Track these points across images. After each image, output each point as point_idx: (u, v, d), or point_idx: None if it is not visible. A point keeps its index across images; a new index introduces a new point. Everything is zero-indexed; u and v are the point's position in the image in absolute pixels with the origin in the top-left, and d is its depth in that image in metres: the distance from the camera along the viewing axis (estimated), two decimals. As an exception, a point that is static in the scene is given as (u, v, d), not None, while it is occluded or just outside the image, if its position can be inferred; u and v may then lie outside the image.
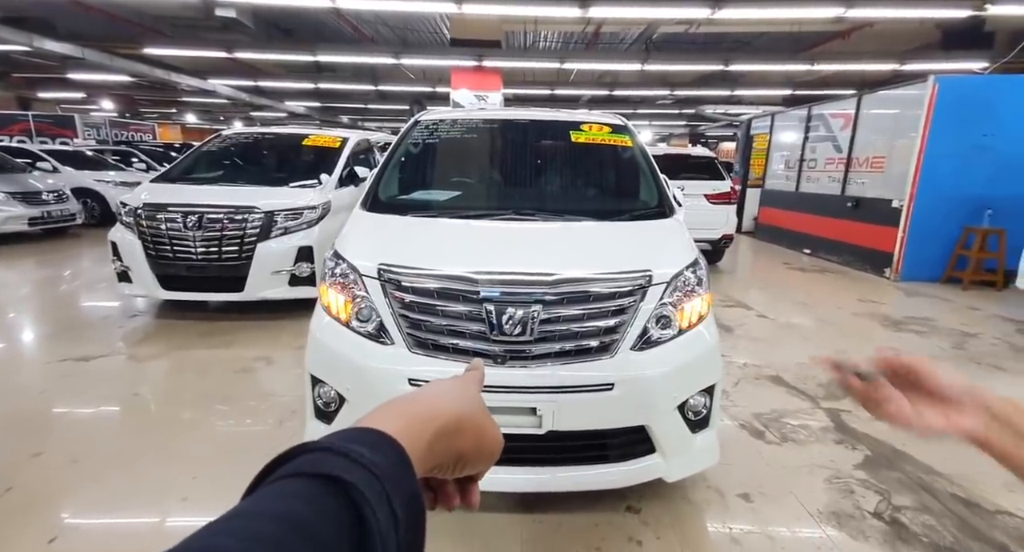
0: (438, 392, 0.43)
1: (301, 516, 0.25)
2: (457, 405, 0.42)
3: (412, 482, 0.31)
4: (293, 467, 0.29)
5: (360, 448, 0.30)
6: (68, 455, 2.32)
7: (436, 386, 0.45)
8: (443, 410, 0.40)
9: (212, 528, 0.25)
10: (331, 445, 0.30)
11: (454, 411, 0.40)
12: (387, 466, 0.30)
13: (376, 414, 0.37)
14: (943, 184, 6.05)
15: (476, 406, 0.44)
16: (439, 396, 0.42)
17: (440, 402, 0.41)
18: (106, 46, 10.57)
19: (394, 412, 0.37)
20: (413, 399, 0.41)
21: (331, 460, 0.29)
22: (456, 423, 0.40)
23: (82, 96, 17.12)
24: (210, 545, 0.23)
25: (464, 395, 0.44)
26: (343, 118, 24.51)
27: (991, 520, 2.02)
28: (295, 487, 0.27)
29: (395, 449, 0.32)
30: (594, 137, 2.87)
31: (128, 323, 4.19)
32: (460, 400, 0.43)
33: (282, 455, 0.30)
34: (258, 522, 0.25)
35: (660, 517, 1.99)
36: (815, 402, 3.01)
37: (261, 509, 0.26)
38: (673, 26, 9.91)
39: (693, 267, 2.01)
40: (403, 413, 0.37)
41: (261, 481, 0.29)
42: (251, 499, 0.27)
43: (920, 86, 6.07)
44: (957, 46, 9.70)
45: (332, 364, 1.92)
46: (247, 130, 5.64)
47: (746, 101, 16.09)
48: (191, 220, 3.94)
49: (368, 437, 0.32)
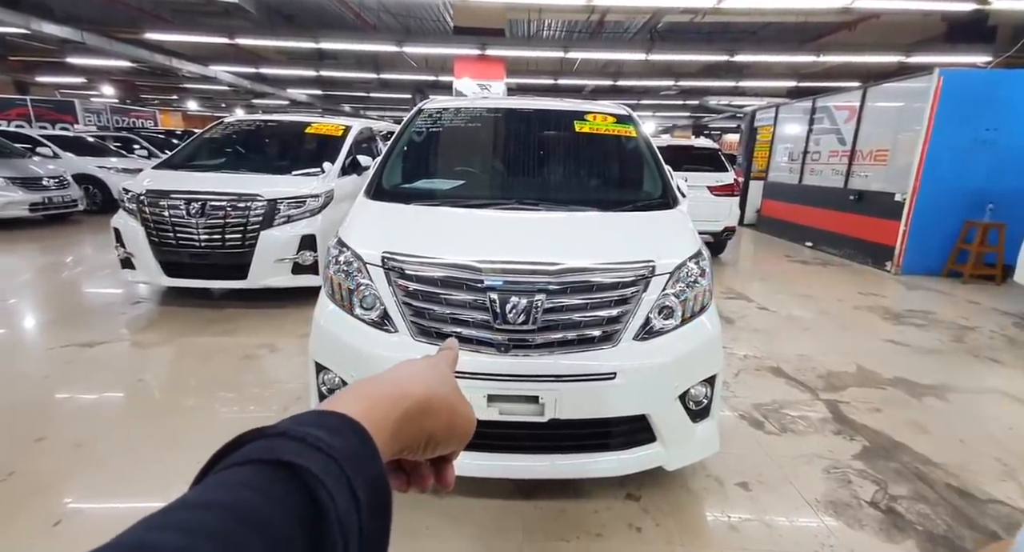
0: (407, 373, 0.42)
1: (250, 505, 0.24)
2: (425, 385, 0.40)
3: (376, 465, 0.30)
4: (244, 454, 0.27)
5: (317, 432, 0.28)
6: (71, 440, 2.34)
7: (405, 367, 0.43)
8: (410, 390, 0.38)
9: (151, 521, 0.23)
10: (287, 430, 0.28)
11: (422, 391, 0.39)
12: (347, 449, 0.28)
13: (339, 397, 0.35)
14: (946, 178, 6.04)
15: (447, 386, 0.43)
16: (407, 376, 0.41)
17: (408, 382, 0.40)
18: (106, 30, 10.46)
19: (358, 394, 0.36)
20: (379, 380, 0.39)
21: (286, 445, 0.27)
22: (425, 403, 0.39)
23: (82, 81, 16.99)
24: (146, 541, 0.22)
25: (433, 375, 0.43)
26: (345, 106, 24.34)
27: (983, 509, 2.05)
28: (245, 475, 0.26)
29: (356, 431, 0.31)
30: (598, 127, 2.86)
31: (131, 310, 4.21)
32: (429, 380, 0.41)
33: (233, 441, 0.29)
34: (202, 513, 0.23)
35: (660, 505, 2.02)
36: (815, 393, 3.04)
37: (206, 499, 0.24)
38: (678, 15, 9.80)
39: (696, 258, 2.01)
40: (367, 394, 0.36)
41: (212, 466, 0.28)
42: (197, 489, 0.26)
43: (925, 79, 6.02)
44: (961, 39, 9.63)
45: (336, 351, 1.94)
46: (249, 117, 5.60)
47: (750, 92, 15.97)
48: (194, 207, 3.93)
49: (327, 420, 0.31)
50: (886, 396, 3.02)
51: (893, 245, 6.39)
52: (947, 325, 4.41)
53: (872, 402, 2.94)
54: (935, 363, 3.57)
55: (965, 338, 4.10)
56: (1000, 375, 3.41)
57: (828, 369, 3.38)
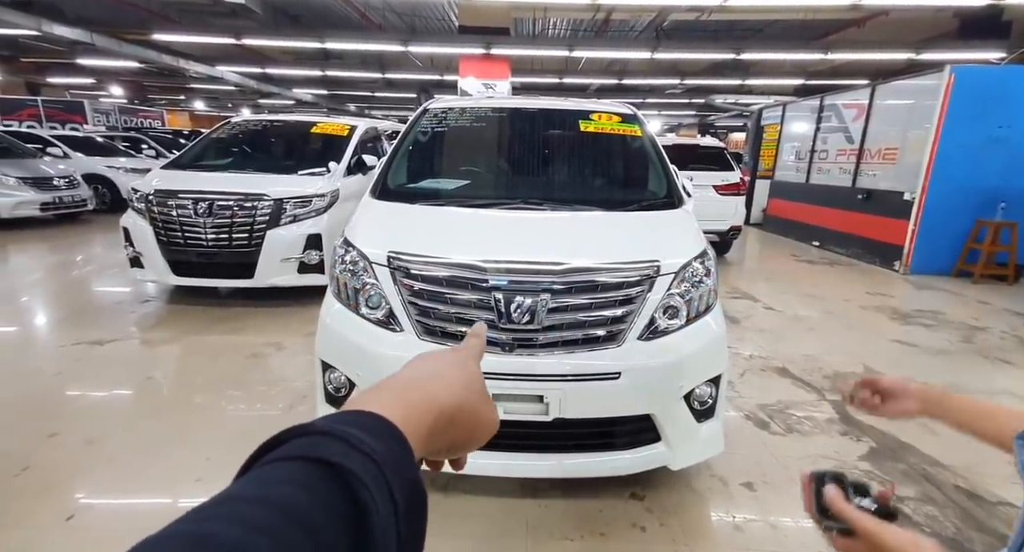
0: (435, 375, 0.41)
1: (297, 503, 0.24)
2: (456, 393, 0.40)
3: (413, 469, 0.30)
4: (289, 449, 0.27)
5: (360, 433, 0.29)
6: (83, 436, 2.38)
7: (433, 366, 0.43)
8: (442, 400, 0.38)
9: (202, 512, 0.23)
10: (330, 429, 0.28)
11: (453, 402, 0.39)
12: (387, 453, 0.29)
13: (375, 397, 0.35)
14: (956, 176, 5.97)
15: (474, 390, 0.42)
16: (438, 380, 0.40)
17: (441, 389, 0.39)
18: (115, 31, 10.57)
19: (394, 397, 0.36)
20: (409, 383, 0.39)
21: (329, 444, 0.27)
22: (453, 413, 0.39)
23: (91, 82, 17.16)
24: (201, 531, 0.22)
25: (463, 378, 0.42)
26: (350, 106, 24.43)
27: (992, 511, 2.03)
28: (291, 471, 0.26)
29: (395, 436, 0.31)
30: (603, 126, 2.86)
31: (140, 308, 4.25)
32: (458, 385, 0.41)
33: (278, 436, 0.29)
34: (251, 508, 0.23)
35: (664, 504, 2.01)
36: (821, 394, 3.02)
37: (255, 494, 0.25)
38: (684, 14, 9.75)
39: (701, 258, 2.01)
40: (404, 400, 0.36)
41: (255, 461, 0.28)
42: (244, 481, 0.26)
43: (936, 76, 5.96)
44: (974, 36, 9.51)
45: (342, 350, 1.95)
46: (256, 117, 5.65)
47: (757, 91, 15.86)
48: (202, 207, 3.97)
49: (368, 421, 0.31)
50: (893, 397, 3.00)
51: (902, 244, 6.33)
52: (956, 325, 4.36)
53: (879, 403, 2.91)
54: (944, 364, 3.54)
55: (975, 339, 4.06)
56: (1011, 376, 3.38)
57: (834, 369, 3.36)
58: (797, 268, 6.78)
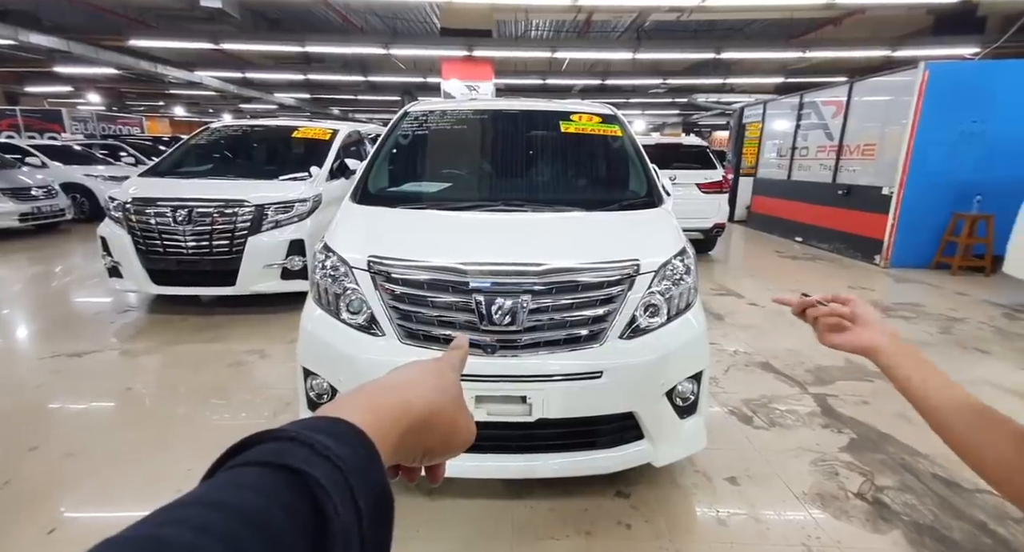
0: (413, 382, 0.41)
1: (257, 509, 0.24)
2: (430, 398, 0.40)
3: (379, 476, 0.30)
4: (254, 455, 0.27)
5: (326, 439, 0.28)
6: (64, 449, 2.34)
7: (410, 374, 0.43)
8: (414, 406, 0.38)
9: (160, 516, 0.24)
10: (296, 434, 0.28)
11: (425, 407, 0.39)
12: (353, 459, 0.29)
13: (346, 403, 0.35)
14: (933, 170, 6.09)
15: (450, 398, 0.42)
16: (413, 387, 0.40)
17: (414, 395, 0.39)
18: (91, 38, 10.40)
19: (366, 403, 0.36)
20: (386, 389, 0.39)
21: (294, 450, 0.27)
22: (428, 418, 0.39)
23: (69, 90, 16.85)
24: (157, 535, 0.22)
25: (439, 385, 0.42)
26: (334, 110, 24.27)
27: (970, 498, 2.07)
28: (254, 477, 0.26)
29: (363, 442, 0.31)
30: (584, 127, 2.87)
31: (120, 318, 4.19)
32: (434, 392, 0.41)
33: (244, 441, 0.29)
34: (208, 512, 0.23)
35: (649, 501, 2.03)
36: (803, 387, 3.06)
37: (215, 499, 0.25)
38: (664, 14, 9.83)
39: (681, 256, 2.03)
40: (375, 405, 0.36)
41: (220, 466, 0.28)
42: (206, 486, 0.26)
43: (911, 72, 6.08)
44: (949, 31, 9.70)
45: (324, 356, 1.94)
46: (236, 123, 5.59)
47: (738, 89, 16.04)
48: (181, 214, 3.92)
49: (335, 427, 0.31)
50: (874, 388, 3.05)
51: (882, 239, 6.45)
52: (935, 317, 4.45)
53: (860, 395, 2.97)
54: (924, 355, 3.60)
55: (953, 330, 4.14)
56: (988, 366, 3.45)
57: (816, 363, 3.41)
58: (780, 264, 6.87)
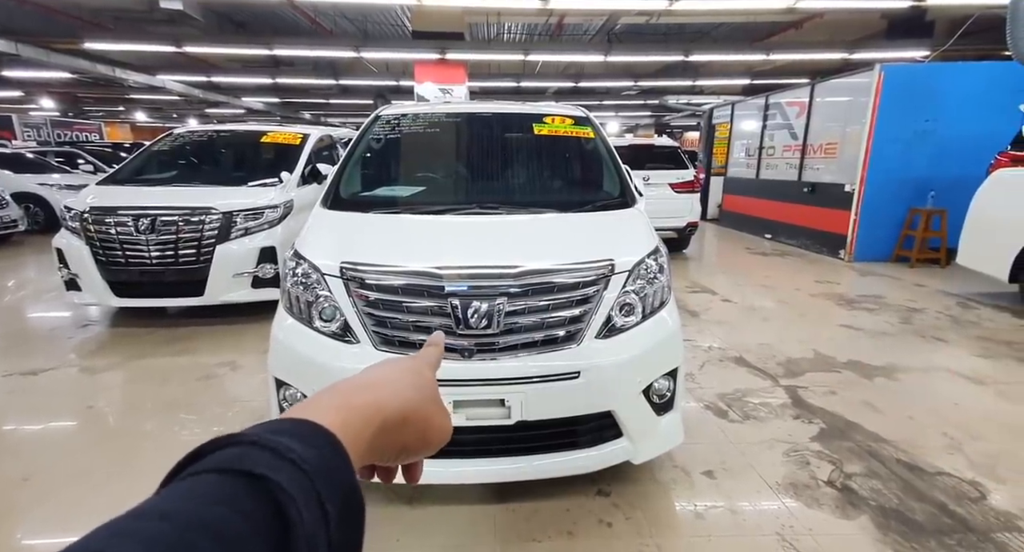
0: (387, 379, 0.40)
1: (214, 518, 0.23)
2: (404, 397, 0.39)
3: (348, 477, 0.29)
4: (214, 461, 0.26)
5: (290, 442, 0.27)
6: (19, 473, 2.22)
7: (385, 371, 0.42)
8: (388, 403, 0.37)
9: (112, 527, 0.22)
10: (257, 438, 0.27)
11: (399, 405, 0.38)
12: (319, 461, 0.27)
13: (314, 403, 0.34)
14: (890, 168, 6.36)
15: (426, 396, 0.41)
16: (386, 385, 0.39)
17: (386, 393, 0.38)
18: (42, 41, 9.94)
19: (334, 402, 0.34)
20: (356, 387, 0.38)
21: (255, 455, 0.26)
22: (401, 417, 0.38)
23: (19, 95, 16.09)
24: (105, 549, 0.21)
25: (415, 383, 0.41)
26: (305, 114, 23.84)
27: (932, 481, 2.16)
28: (213, 485, 0.25)
29: (330, 442, 0.30)
30: (556, 129, 2.89)
31: (79, 333, 4.01)
32: (409, 390, 0.40)
33: (203, 447, 0.27)
34: (159, 523, 0.22)
35: (629, 498, 2.05)
36: (775, 380, 3.14)
37: (170, 509, 0.23)
38: (634, 18, 10.01)
39: (654, 254, 2.06)
40: (343, 405, 0.34)
41: (176, 474, 0.27)
42: (161, 496, 0.25)
43: (867, 74, 6.33)
44: (901, 35, 10.15)
45: (296, 366, 1.90)
46: (201, 127, 5.43)
47: (707, 91, 16.41)
48: (143, 223, 3.78)
49: (300, 429, 0.30)
50: (841, 379, 3.15)
51: (845, 234, 6.69)
52: (896, 308, 4.63)
53: (828, 385, 3.06)
54: (886, 345, 3.75)
55: (912, 320, 4.32)
56: (945, 353, 3.61)
57: (787, 356, 3.51)
58: (751, 260, 7.05)
